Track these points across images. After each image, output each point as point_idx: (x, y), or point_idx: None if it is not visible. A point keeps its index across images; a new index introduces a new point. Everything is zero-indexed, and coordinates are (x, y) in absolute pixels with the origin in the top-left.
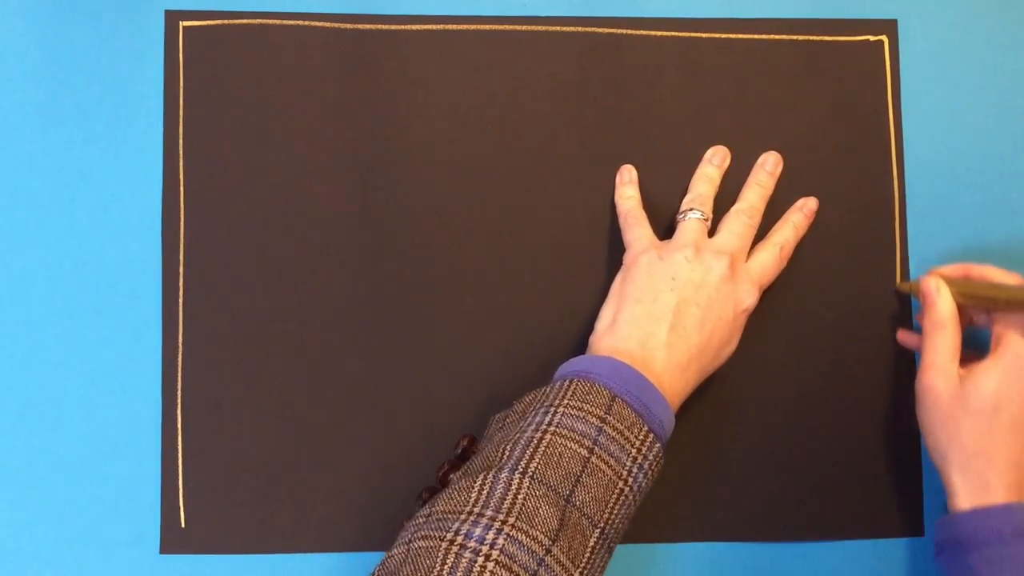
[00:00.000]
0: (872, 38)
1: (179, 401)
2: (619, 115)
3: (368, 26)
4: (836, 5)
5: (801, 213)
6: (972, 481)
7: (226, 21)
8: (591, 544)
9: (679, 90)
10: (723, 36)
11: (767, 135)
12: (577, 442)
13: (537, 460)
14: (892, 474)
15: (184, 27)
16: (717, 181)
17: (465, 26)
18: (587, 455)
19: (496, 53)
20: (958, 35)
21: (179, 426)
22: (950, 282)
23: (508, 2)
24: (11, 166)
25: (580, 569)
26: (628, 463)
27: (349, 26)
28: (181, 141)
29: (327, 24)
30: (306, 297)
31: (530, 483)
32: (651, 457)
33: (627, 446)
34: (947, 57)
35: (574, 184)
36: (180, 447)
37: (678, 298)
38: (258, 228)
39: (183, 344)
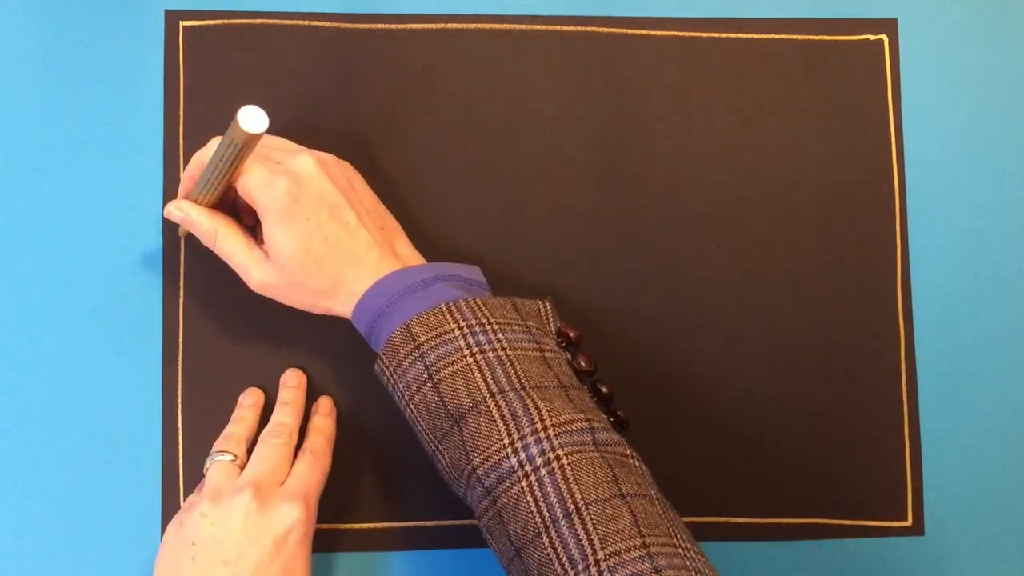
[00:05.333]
0: (872, 37)
1: (179, 401)
2: (619, 115)
3: (368, 26)
4: (836, 4)
5: (322, 416)
6: (346, 301)
7: (226, 21)
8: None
9: (679, 90)
10: (723, 36)
11: (767, 135)
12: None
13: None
14: (892, 472)
15: (184, 27)
16: (252, 420)
17: (465, 25)
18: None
19: (496, 53)
20: (958, 35)
21: (179, 426)
22: (194, 195)
23: (508, 2)
24: (11, 166)
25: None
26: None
27: (349, 26)
28: (181, 141)
29: (327, 24)
30: None
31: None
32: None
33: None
34: (947, 57)
35: (574, 183)
36: (180, 447)
37: (199, 567)
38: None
39: (183, 344)
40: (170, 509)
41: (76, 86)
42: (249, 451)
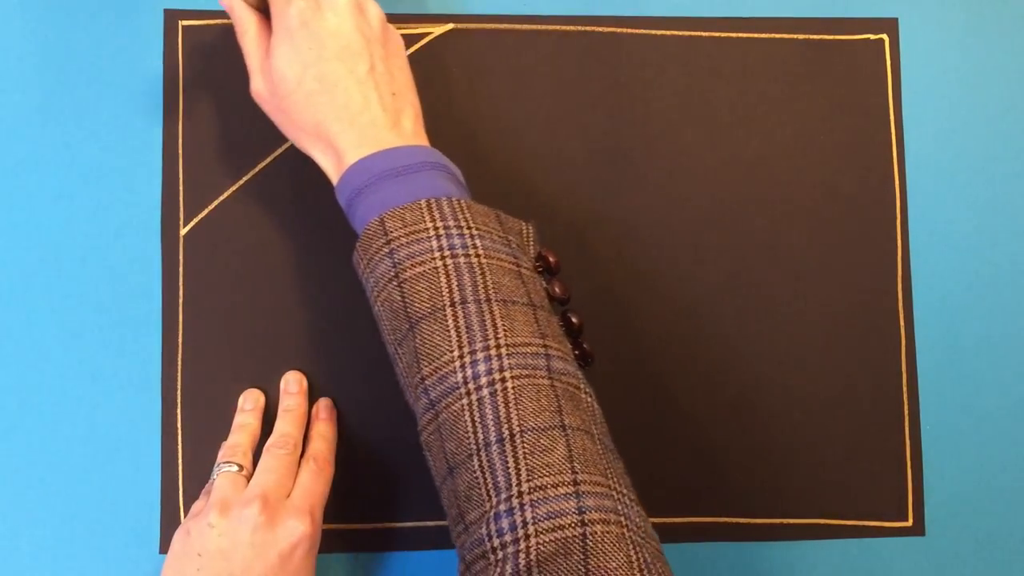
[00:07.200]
0: (873, 37)
1: (179, 401)
2: (619, 115)
3: None
4: (836, 4)
5: (323, 420)
6: (329, 155)
7: (226, 20)
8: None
9: (680, 89)
10: (724, 35)
11: (767, 134)
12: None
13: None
14: (892, 472)
15: (183, 26)
16: (255, 426)
17: (466, 25)
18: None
19: (496, 53)
20: (958, 34)
21: (179, 426)
22: None
23: (508, 2)
24: (11, 165)
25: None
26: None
27: None
28: (180, 140)
29: None
30: (306, 297)
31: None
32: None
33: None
34: (947, 56)
35: (573, 184)
36: (180, 447)
37: None
38: (258, 227)
39: (183, 344)
40: (169, 509)
41: (76, 85)
42: (254, 458)
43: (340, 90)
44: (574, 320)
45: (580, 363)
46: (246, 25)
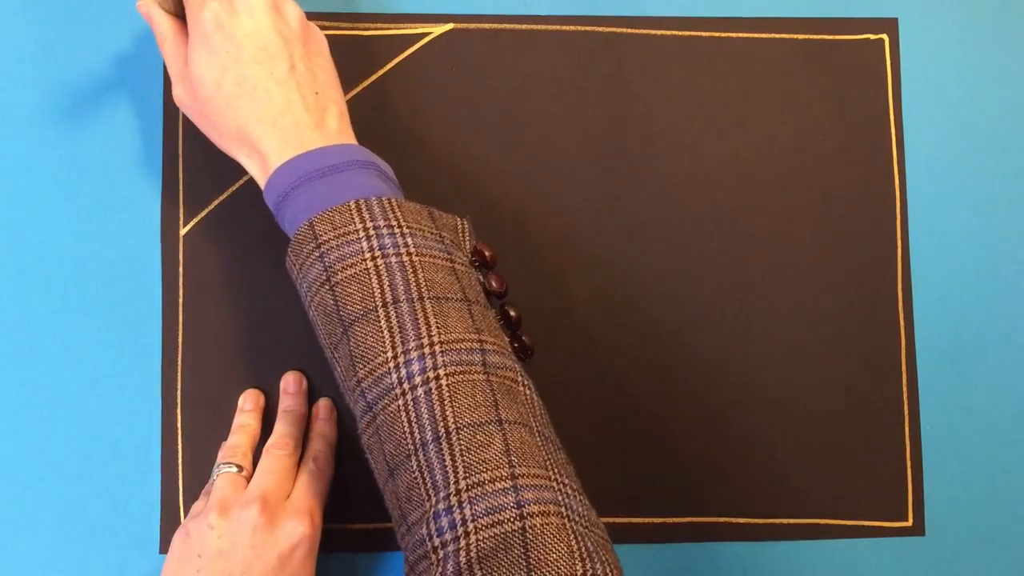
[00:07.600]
0: (872, 37)
1: (179, 401)
2: (619, 115)
3: (367, 25)
4: (836, 4)
5: (323, 420)
6: (254, 159)
7: None
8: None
9: (679, 89)
10: (723, 35)
11: (767, 134)
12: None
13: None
14: (892, 472)
15: None
16: (255, 427)
17: (465, 25)
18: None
19: (496, 53)
20: (958, 34)
21: (179, 426)
22: None
23: (508, 2)
24: (11, 166)
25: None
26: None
27: (348, 25)
28: (181, 141)
29: (326, 24)
30: None
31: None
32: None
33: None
34: (947, 56)
35: (574, 184)
36: (180, 447)
37: None
38: (258, 227)
39: (183, 344)
40: (169, 510)
41: (76, 86)
42: (254, 459)
43: (260, 92)
44: (512, 313)
45: (520, 356)
46: (164, 31)
